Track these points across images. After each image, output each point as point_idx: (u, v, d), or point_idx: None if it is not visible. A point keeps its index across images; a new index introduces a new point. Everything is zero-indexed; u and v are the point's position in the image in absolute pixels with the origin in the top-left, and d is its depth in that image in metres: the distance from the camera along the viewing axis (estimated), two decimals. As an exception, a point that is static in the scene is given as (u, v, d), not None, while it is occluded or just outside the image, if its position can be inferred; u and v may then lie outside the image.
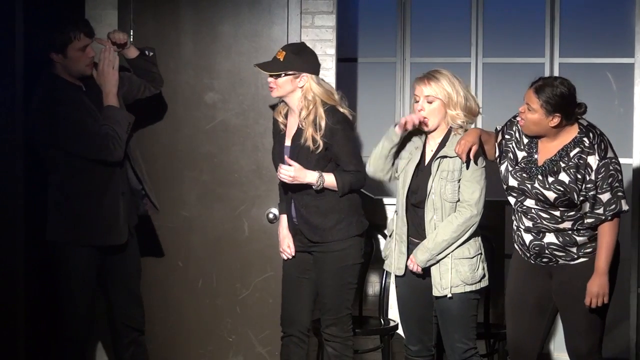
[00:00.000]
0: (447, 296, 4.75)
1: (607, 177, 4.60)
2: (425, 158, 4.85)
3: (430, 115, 4.78)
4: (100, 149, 4.97)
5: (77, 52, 4.99)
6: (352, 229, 5.07)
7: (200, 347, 5.83)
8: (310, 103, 5.02)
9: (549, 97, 4.58)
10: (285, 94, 5.07)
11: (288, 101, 5.10)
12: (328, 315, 5.12)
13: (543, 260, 4.76)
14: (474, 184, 4.76)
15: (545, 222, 4.70)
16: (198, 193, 5.79)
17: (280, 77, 5.03)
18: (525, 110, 4.64)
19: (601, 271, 4.64)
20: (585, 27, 6.91)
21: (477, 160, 4.76)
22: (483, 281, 4.83)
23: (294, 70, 5.02)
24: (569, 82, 4.65)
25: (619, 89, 6.79)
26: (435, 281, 4.78)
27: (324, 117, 4.99)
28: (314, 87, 5.03)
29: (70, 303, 5.07)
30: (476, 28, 7.02)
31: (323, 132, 4.99)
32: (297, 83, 5.03)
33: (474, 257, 4.79)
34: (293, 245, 5.17)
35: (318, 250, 5.08)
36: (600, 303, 4.63)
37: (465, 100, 4.76)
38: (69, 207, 5.02)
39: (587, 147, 4.63)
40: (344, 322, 5.12)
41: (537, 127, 4.65)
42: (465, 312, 4.79)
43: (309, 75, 5.04)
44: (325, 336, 5.16)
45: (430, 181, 4.76)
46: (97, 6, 5.73)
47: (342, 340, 5.12)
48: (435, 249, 4.73)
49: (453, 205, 4.76)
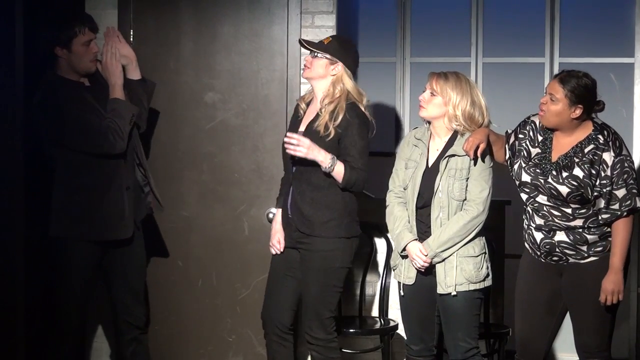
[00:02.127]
0: (452, 294, 4.75)
1: (622, 173, 4.63)
2: (430, 159, 4.85)
3: (427, 104, 4.82)
4: (101, 143, 4.98)
5: (82, 46, 5.01)
6: (341, 230, 5.03)
7: (200, 347, 5.83)
8: (337, 92, 5.01)
9: (574, 87, 4.61)
10: (317, 76, 5.06)
11: (315, 85, 5.09)
12: (309, 317, 5.07)
13: (553, 259, 4.77)
14: (482, 183, 4.77)
15: (556, 220, 4.71)
16: (198, 193, 5.79)
17: (318, 57, 5.03)
18: (548, 101, 4.66)
19: (616, 268, 4.65)
20: (585, 27, 6.91)
21: (485, 158, 4.77)
22: (487, 280, 4.84)
23: (333, 55, 5.02)
24: (591, 76, 4.69)
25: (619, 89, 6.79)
26: (440, 279, 4.78)
27: (344, 109, 4.99)
28: (346, 80, 5.04)
29: (68, 298, 5.07)
30: (476, 28, 7.02)
31: (338, 123, 4.97)
32: (330, 70, 5.04)
33: (478, 256, 4.80)
34: (283, 240, 5.16)
35: (305, 248, 5.05)
36: (615, 300, 4.65)
37: (471, 107, 4.78)
38: (73, 202, 5.03)
39: (601, 144, 4.65)
40: (326, 325, 5.06)
41: (557, 118, 4.67)
42: (469, 310, 4.79)
43: (344, 67, 5.04)
44: (308, 338, 5.11)
45: (438, 179, 4.77)
46: (97, 6, 5.73)
47: (324, 342, 5.07)
48: (440, 248, 4.74)
49: (460, 204, 4.77)
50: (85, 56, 5.05)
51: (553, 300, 4.82)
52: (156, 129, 5.75)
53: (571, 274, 4.76)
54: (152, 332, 5.61)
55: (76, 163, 5.02)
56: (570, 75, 4.66)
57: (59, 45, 4.99)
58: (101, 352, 5.93)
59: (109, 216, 5.06)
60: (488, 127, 4.84)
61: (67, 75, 5.06)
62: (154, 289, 5.72)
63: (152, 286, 5.69)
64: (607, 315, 4.73)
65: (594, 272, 4.69)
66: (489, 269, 4.85)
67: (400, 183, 4.91)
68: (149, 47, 5.60)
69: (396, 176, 4.94)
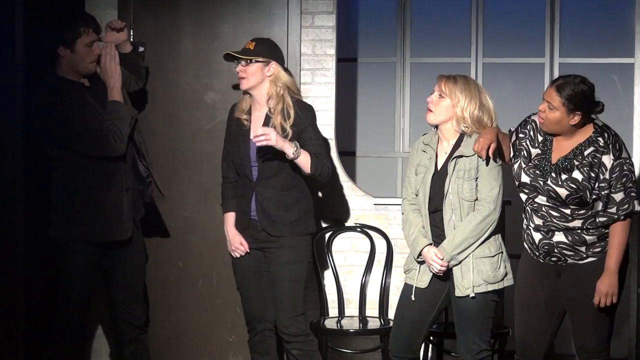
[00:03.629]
0: (470, 296, 4.74)
1: (621, 177, 4.62)
2: (438, 163, 4.84)
3: (435, 107, 4.80)
4: (101, 145, 4.98)
5: (85, 47, 5.01)
6: (308, 226, 5.13)
7: (200, 347, 5.83)
8: (280, 90, 5.04)
9: (570, 95, 4.60)
10: (255, 84, 5.07)
11: (255, 93, 5.10)
12: (285, 314, 5.08)
13: (552, 259, 4.77)
14: (492, 181, 4.75)
15: (555, 221, 4.71)
16: (198, 193, 5.79)
17: (250, 63, 5.04)
18: (546, 109, 4.65)
19: (611, 271, 4.65)
20: (585, 27, 6.92)
21: (496, 158, 4.76)
22: (506, 280, 4.79)
23: (264, 57, 5.04)
24: (588, 80, 4.67)
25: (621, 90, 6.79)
26: (457, 281, 4.75)
27: (292, 106, 5.03)
28: (282, 75, 5.07)
29: (68, 298, 5.07)
30: (476, 28, 7.02)
31: (292, 121, 5.01)
32: (265, 72, 5.05)
33: (495, 256, 4.77)
34: (245, 242, 5.17)
35: (273, 247, 5.08)
36: (609, 302, 4.64)
37: (479, 111, 4.76)
38: (73, 203, 5.03)
39: (601, 146, 4.65)
40: (300, 321, 5.10)
41: (557, 126, 4.67)
42: (484, 313, 4.76)
43: (277, 64, 5.07)
44: (285, 337, 5.12)
45: (447, 182, 4.75)
46: (97, 6, 5.74)
47: (303, 337, 5.10)
48: (455, 250, 4.73)
49: (472, 205, 4.74)
50: (87, 57, 5.05)
51: (552, 300, 4.82)
52: (156, 129, 5.75)
53: (570, 275, 4.76)
54: (152, 332, 5.60)
55: (76, 164, 5.01)
56: (566, 83, 4.63)
57: (62, 45, 4.99)
58: (101, 352, 5.94)
59: (108, 217, 5.06)
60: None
61: (67, 76, 5.06)
62: (154, 289, 5.72)
63: (152, 286, 5.69)
64: (605, 316, 4.72)
65: (593, 273, 4.68)
66: (508, 267, 4.81)
67: (412, 190, 4.90)
68: (149, 47, 5.60)
69: (408, 184, 4.93)
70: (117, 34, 5.31)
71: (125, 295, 5.22)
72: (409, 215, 4.89)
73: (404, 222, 4.92)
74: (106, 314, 5.48)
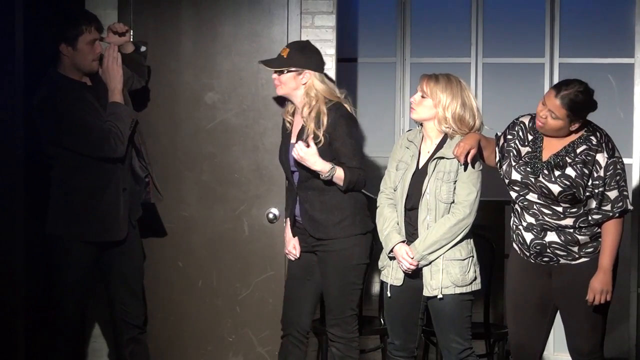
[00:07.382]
0: (438, 297, 4.76)
1: (614, 175, 4.65)
2: (420, 162, 4.86)
3: (418, 106, 4.83)
4: (102, 146, 4.99)
5: (87, 45, 5.02)
6: (356, 227, 5.07)
7: (200, 347, 5.83)
8: (312, 99, 5.05)
9: (573, 106, 4.61)
10: (290, 91, 5.11)
11: (292, 99, 5.14)
12: (332, 315, 5.11)
13: (544, 259, 4.77)
14: (470, 186, 4.77)
15: (547, 219, 4.71)
16: (198, 193, 5.79)
17: (284, 73, 5.06)
18: (548, 116, 4.65)
19: (605, 268, 4.65)
20: (585, 27, 6.92)
21: (475, 164, 4.78)
22: (474, 284, 4.81)
23: (296, 67, 5.06)
24: (587, 85, 4.66)
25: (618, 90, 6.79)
26: (426, 281, 4.78)
27: (326, 113, 5.02)
28: (317, 84, 5.07)
29: (65, 296, 5.07)
30: (476, 28, 7.03)
31: (325, 128, 5.01)
32: (300, 80, 5.07)
33: (465, 260, 4.79)
34: (298, 246, 5.19)
35: (322, 250, 5.08)
36: (603, 300, 4.65)
37: (461, 109, 4.77)
38: (70, 202, 5.03)
39: (594, 145, 4.67)
40: (347, 323, 5.10)
41: (558, 132, 4.70)
42: (459, 312, 4.78)
43: (312, 73, 5.07)
44: (330, 336, 5.16)
45: (426, 181, 4.77)
46: (97, 6, 5.73)
47: (346, 341, 5.11)
48: (426, 251, 4.74)
49: (447, 207, 4.76)
50: (89, 55, 5.05)
51: (544, 300, 4.82)
52: (156, 129, 5.75)
53: (562, 276, 4.76)
54: (152, 332, 5.61)
55: (74, 163, 5.02)
56: (570, 93, 4.60)
57: (64, 42, 4.99)
58: (100, 352, 5.93)
59: (104, 218, 5.06)
60: (479, 131, 4.84)
61: (69, 74, 5.06)
62: (154, 289, 5.72)
63: (152, 286, 5.69)
64: (598, 317, 4.73)
65: (585, 274, 4.69)
66: (477, 272, 4.83)
67: (391, 184, 4.92)
68: (149, 47, 5.60)
69: (388, 177, 4.95)
70: (120, 37, 5.30)
71: (123, 295, 5.23)
72: (384, 209, 4.91)
73: (378, 216, 4.94)
74: (105, 313, 5.48)
